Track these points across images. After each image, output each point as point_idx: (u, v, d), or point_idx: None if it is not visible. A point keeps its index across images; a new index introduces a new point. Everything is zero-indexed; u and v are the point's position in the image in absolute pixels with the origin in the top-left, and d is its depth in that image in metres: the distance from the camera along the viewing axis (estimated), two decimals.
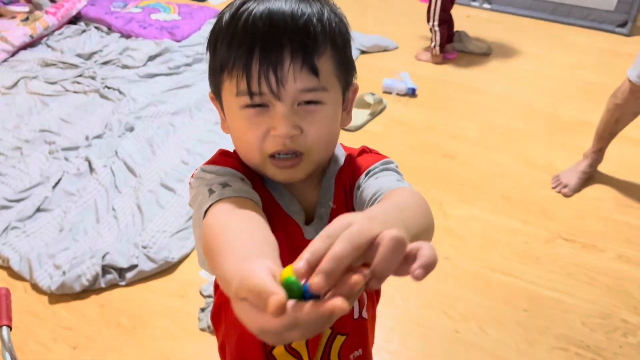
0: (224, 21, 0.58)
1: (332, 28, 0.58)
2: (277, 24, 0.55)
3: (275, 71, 0.55)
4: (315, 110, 0.58)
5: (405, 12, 3.28)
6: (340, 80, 0.61)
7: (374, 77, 2.61)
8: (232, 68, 0.57)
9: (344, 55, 0.61)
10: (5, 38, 2.65)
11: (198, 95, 2.43)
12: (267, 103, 0.57)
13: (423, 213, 0.54)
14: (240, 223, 0.51)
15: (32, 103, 2.36)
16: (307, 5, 0.57)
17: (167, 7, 3.13)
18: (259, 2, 0.56)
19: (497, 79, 2.63)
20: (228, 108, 0.61)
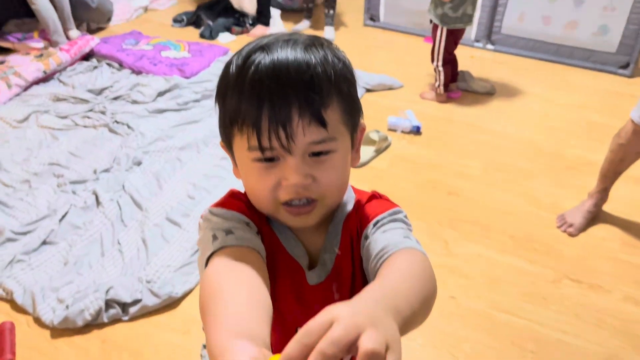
0: (232, 73, 0.60)
1: (337, 76, 0.59)
2: (284, 80, 0.56)
3: (285, 127, 0.56)
4: (326, 159, 0.60)
5: (410, 52, 3.34)
6: (348, 125, 0.62)
7: (379, 114, 2.64)
8: (242, 124, 0.58)
9: (350, 99, 0.62)
10: (19, 73, 2.71)
11: (205, 131, 2.47)
12: (279, 156, 0.58)
13: (422, 286, 0.53)
14: (236, 285, 0.52)
15: (42, 137, 2.40)
16: (311, 53, 0.58)
17: (178, 45, 3.21)
18: (265, 51, 0.58)
19: (501, 118, 2.66)
20: (240, 159, 0.62)
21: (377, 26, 3.69)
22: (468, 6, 2.50)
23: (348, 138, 0.63)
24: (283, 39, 0.60)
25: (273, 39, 0.60)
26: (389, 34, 3.62)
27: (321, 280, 0.69)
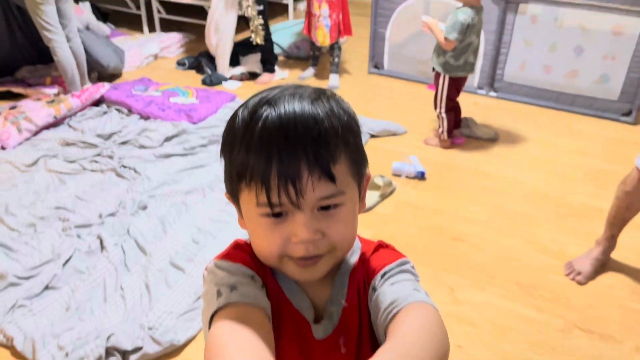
0: (239, 126, 0.60)
1: (344, 129, 0.60)
2: (292, 135, 0.56)
3: (295, 183, 0.56)
4: (335, 212, 0.60)
5: (413, 98, 3.40)
6: (355, 176, 0.62)
7: (383, 160, 2.67)
8: (250, 179, 0.58)
9: (357, 150, 0.62)
10: (29, 118, 2.77)
11: (211, 176, 2.49)
12: (287, 211, 0.58)
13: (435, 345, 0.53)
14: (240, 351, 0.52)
15: (50, 180, 2.42)
16: (318, 107, 0.59)
17: (186, 91, 3.28)
18: (272, 105, 0.58)
19: (505, 164, 2.67)
20: (246, 212, 0.62)
21: (382, 74, 3.77)
22: (469, 55, 2.56)
23: (356, 189, 0.63)
24: (289, 93, 0.60)
25: (279, 93, 0.60)
26: (393, 81, 3.69)
27: (328, 334, 0.67)
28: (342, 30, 3.42)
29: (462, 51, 2.52)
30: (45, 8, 2.87)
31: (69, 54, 3.02)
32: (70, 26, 3.07)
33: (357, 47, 4.29)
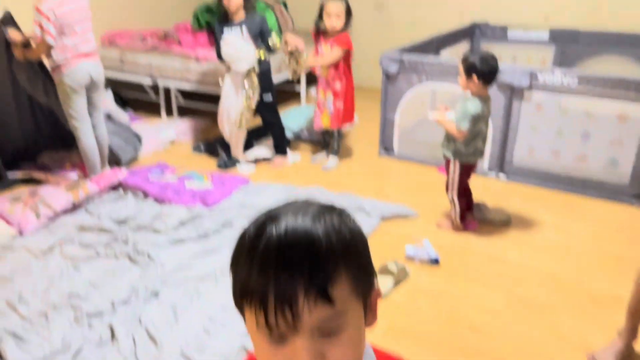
0: (245, 242, 0.61)
1: (346, 248, 0.59)
2: (288, 257, 0.57)
3: (291, 307, 0.56)
4: (336, 336, 0.58)
5: (424, 181, 3.44)
6: (359, 294, 0.61)
7: (396, 244, 2.66)
8: (250, 300, 0.58)
9: (361, 268, 0.62)
10: (48, 204, 2.83)
11: (224, 261, 2.48)
12: (287, 335, 0.58)
13: None
14: None
15: (64, 267, 2.44)
16: (319, 225, 0.59)
17: (201, 175, 3.36)
18: (274, 223, 0.59)
19: (520, 249, 2.65)
20: (249, 329, 0.62)
21: (392, 156, 3.85)
22: (479, 142, 2.62)
23: (360, 307, 0.62)
24: (294, 208, 0.61)
25: (285, 209, 0.61)
26: (403, 164, 3.76)
27: None
28: (343, 117, 3.53)
29: (472, 139, 2.58)
30: (76, 98, 3.01)
31: (92, 141, 3.14)
32: (97, 114, 3.22)
33: (367, 131, 4.41)
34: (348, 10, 3.33)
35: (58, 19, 2.80)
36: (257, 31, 3.35)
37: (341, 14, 3.28)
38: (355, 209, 2.97)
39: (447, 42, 4.64)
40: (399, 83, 3.63)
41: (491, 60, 2.52)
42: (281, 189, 3.26)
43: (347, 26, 3.37)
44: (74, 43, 2.91)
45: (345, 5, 3.32)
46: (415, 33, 5.43)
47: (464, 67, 2.53)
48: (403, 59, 3.55)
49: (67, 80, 2.94)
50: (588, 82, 2.97)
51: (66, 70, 2.92)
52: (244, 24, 3.35)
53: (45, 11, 2.76)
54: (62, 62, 2.90)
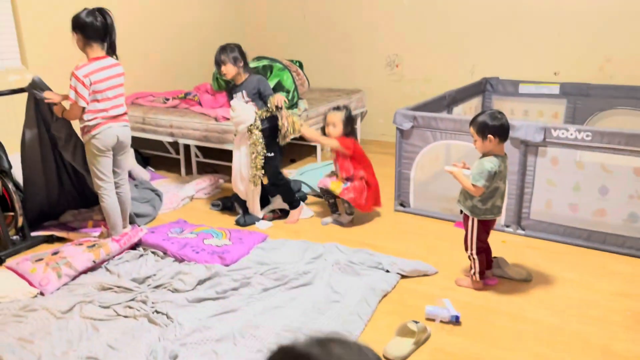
0: None
1: None
2: None
3: None
4: None
5: (442, 237, 3.43)
6: None
7: (416, 302, 2.63)
8: None
9: None
10: (70, 263, 2.88)
11: (243, 321, 2.48)
12: None
13: None
14: None
15: (83, 328, 2.44)
16: None
17: (220, 232, 3.40)
18: None
19: (541, 306, 2.60)
20: None
21: (408, 212, 3.86)
22: (497, 199, 2.63)
23: None
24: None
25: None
26: (420, 219, 3.76)
27: None
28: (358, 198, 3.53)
29: (489, 196, 2.60)
30: (103, 160, 3.11)
31: (114, 201, 3.22)
32: (122, 175, 3.32)
33: (382, 186, 4.44)
34: (348, 118, 3.52)
35: (92, 85, 2.94)
36: (254, 92, 3.51)
37: (338, 123, 3.49)
38: (372, 265, 2.96)
39: (459, 99, 4.73)
40: (413, 139, 3.69)
41: (499, 115, 2.57)
42: (299, 245, 3.27)
43: (348, 133, 3.54)
44: (106, 107, 3.04)
45: (343, 115, 3.51)
46: (428, 88, 5.57)
47: (476, 129, 2.57)
48: (416, 116, 3.62)
49: (95, 141, 3.05)
50: (602, 137, 3.00)
51: (95, 131, 3.03)
52: (243, 88, 3.53)
53: (81, 77, 2.90)
54: (92, 124, 3.02)
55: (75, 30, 2.95)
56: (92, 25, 2.91)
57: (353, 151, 3.51)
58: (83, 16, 2.91)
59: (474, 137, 2.61)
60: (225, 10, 6.17)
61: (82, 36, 2.95)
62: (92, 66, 2.95)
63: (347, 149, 3.48)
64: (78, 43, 2.99)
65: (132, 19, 5.00)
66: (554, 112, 5.02)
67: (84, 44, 2.97)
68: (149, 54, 5.27)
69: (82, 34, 2.94)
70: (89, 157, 3.12)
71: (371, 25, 5.74)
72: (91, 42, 2.96)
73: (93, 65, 2.96)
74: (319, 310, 2.56)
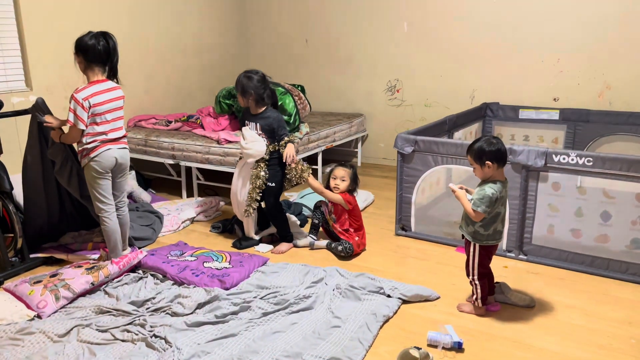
0: None
1: None
2: None
3: None
4: None
5: (443, 261, 3.41)
6: None
7: (418, 328, 2.60)
8: None
9: None
10: (68, 285, 2.85)
11: (242, 345, 2.44)
12: None
13: None
14: None
15: (80, 352, 2.40)
16: None
17: (220, 255, 3.38)
18: None
19: (545, 333, 2.56)
20: None
21: (409, 235, 3.84)
22: (498, 224, 2.62)
23: None
24: None
25: None
26: (421, 243, 3.74)
27: None
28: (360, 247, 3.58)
29: (491, 221, 2.59)
30: (102, 182, 3.11)
31: (115, 223, 3.20)
32: (120, 197, 3.31)
33: (383, 209, 4.44)
34: (354, 176, 3.58)
35: (92, 108, 2.96)
36: (268, 129, 3.51)
37: (347, 178, 3.54)
38: (374, 290, 2.93)
39: (459, 123, 4.76)
40: (415, 163, 3.70)
41: (495, 141, 2.57)
42: (299, 268, 3.25)
43: (351, 189, 3.58)
44: (104, 130, 3.05)
45: (352, 172, 3.58)
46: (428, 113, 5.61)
47: (473, 157, 2.58)
48: (417, 140, 3.64)
49: (94, 164, 3.04)
50: (603, 163, 3.00)
51: (93, 154, 3.03)
52: (258, 120, 3.52)
53: (81, 100, 2.91)
54: (90, 147, 3.03)
55: (78, 53, 2.98)
56: (94, 48, 2.94)
57: (352, 206, 3.55)
58: (86, 39, 2.94)
59: (472, 164, 2.61)
60: (229, 34, 6.26)
61: (83, 59, 2.98)
62: (92, 89, 2.97)
63: (348, 204, 3.52)
64: (80, 65, 3.02)
65: (136, 43, 5.06)
66: (554, 137, 5.05)
67: (85, 67, 3.00)
68: (152, 76, 5.33)
69: (84, 56, 2.97)
70: (89, 180, 3.11)
71: (372, 50, 5.82)
72: (92, 65, 2.99)
73: (93, 88, 2.97)
74: (319, 336, 2.52)
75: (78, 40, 2.96)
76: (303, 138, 4.80)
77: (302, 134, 4.80)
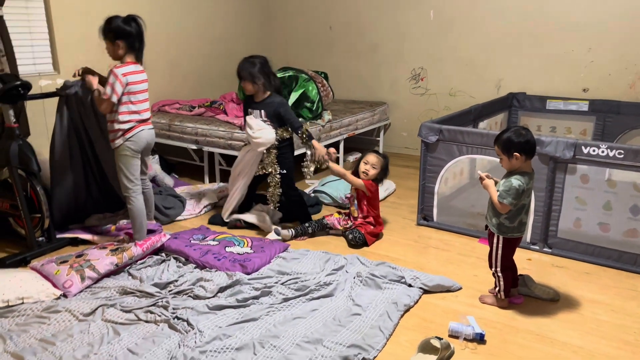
0: None
1: None
2: None
3: None
4: None
5: (466, 252, 3.37)
6: None
7: (439, 318, 2.58)
8: None
9: None
10: (93, 266, 2.90)
11: (263, 330, 2.46)
12: None
13: None
14: None
15: (104, 331, 2.45)
16: None
17: (242, 240, 3.39)
18: None
19: (570, 328, 2.52)
20: None
21: (431, 226, 3.80)
22: (524, 216, 2.58)
23: None
24: None
25: None
26: (443, 233, 3.71)
27: None
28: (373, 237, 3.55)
29: (516, 213, 2.54)
30: (135, 162, 3.20)
31: (141, 204, 3.26)
32: (145, 176, 3.44)
33: (405, 198, 4.40)
34: (386, 167, 3.53)
35: (128, 86, 3.06)
36: (274, 115, 3.50)
37: (378, 166, 3.50)
38: (395, 279, 2.91)
39: (485, 113, 4.68)
40: (439, 153, 3.65)
41: (524, 132, 2.51)
42: (320, 255, 3.25)
43: (380, 180, 3.56)
44: (138, 110, 3.15)
45: (385, 162, 3.52)
46: (452, 103, 5.53)
47: (501, 148, 2.52)
48: (442, 129, 3.58)
49: (130, 144, 3.14)
50: (635, 156, 2.92)
51: (130, 135, 3.13)
52: (262, 107, 3.51)
53: (120, 75, 3.01)
54: (126, 127, 3.12)
55: (119, 39, 3.02)
56: (131, 33, 3.02)
57: (372, 194, 3.52)
58: (124, 25, 3.00)
59: (499, 155, 2.56)
60: (252, 21, 6.24)
61: (125, 44, 3.04)
62: (130, 68, 3.06)
63: (369, 190, 3.50)
64: (117, 50, 3.06)
65: (161, 28, 5.08)
66: (583, 129, 4.94)
67: (125, 52, 3.06)
68: (177, 62, 5.35)
69: (126, 42, 3.03)
70: (121, 160, 3.17)
71: (397, 38, 5.74)
72: (131, 49, 3.07)
73: (130, 67, 3.06)
74: (339, 323, 2.52)
75: (116, 27, 3.00)
76: (325, 126, 4.78)
77: (325, 121, 4.78)
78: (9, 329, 2.49)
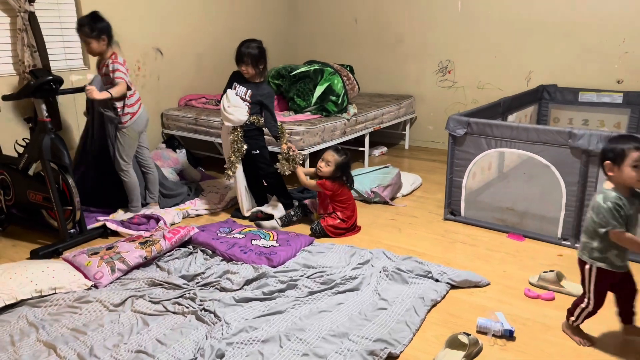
0: None
1: None
2: None
3: None
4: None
5: (493, 248, 3.32)
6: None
7: (467, 314, 2.55)
8: None
9: None
10: (123, 259, 2.95)
11: (289, 323, 2.46)
12: None
13: None
14: None
15: (134, 321, 2.49)
16: None
17: (267, 234, 3.41)
18: None
19: (602, 325, 2.45)
20: None
21: (458, 220, 3.75)
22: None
23: None
24: None
25: None
26: (471, 228, 3.66)
27: None
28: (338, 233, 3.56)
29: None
30: (134, 143, 3.63)
31: (135, 177, 3.69)
32: (147, 152, 3.82)
33: (431, 192, 4.36)
34: (344, 165, 3.50)
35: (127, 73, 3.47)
36: (257, 101, 3.60)
37: (332, 163, 3.49)
38: (421, 274, 2.89)
39: (514, 106, 4.59)
40: (466, 146, 3.59)
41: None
42: (345, 249, 3.24)
43: (336, 177, 3.51)
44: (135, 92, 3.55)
45: (341, 159, 3.50)
46: (480, 95, 5.44)
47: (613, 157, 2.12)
48: (470, 122, 3.52)
49: (135, 126, 3.55)
50: None
51: (135, 117, 3.53)
52: (251, 88, 3.59)
53: (125, 64, 3.45)
54: (133, 110, 3.50)
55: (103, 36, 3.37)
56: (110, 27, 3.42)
57: (332, 193, 3.50)
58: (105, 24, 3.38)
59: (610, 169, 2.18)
60: (278, 14, 6.24)
61: (107, 38, 3.40)
62: (121, 58, 3.44)
63: (324, 189, 3.50)
64: (102, 45, 3.39)
65: (187, 23, 5.12)
66: (617, 121, 4.80)
67: (108, 45, 3.42)
68: (203, 57, 5.39)
69: (107, 36, 3.39)
70: (125, 140, 3.53)
71: (423, 30, 5.67)
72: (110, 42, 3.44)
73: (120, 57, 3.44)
74: (365, 317, 2.51)
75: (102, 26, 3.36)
76: (351, 119, 4.76)
77: (350, 115, 4.75)
78: (41, 318, 2.55)
